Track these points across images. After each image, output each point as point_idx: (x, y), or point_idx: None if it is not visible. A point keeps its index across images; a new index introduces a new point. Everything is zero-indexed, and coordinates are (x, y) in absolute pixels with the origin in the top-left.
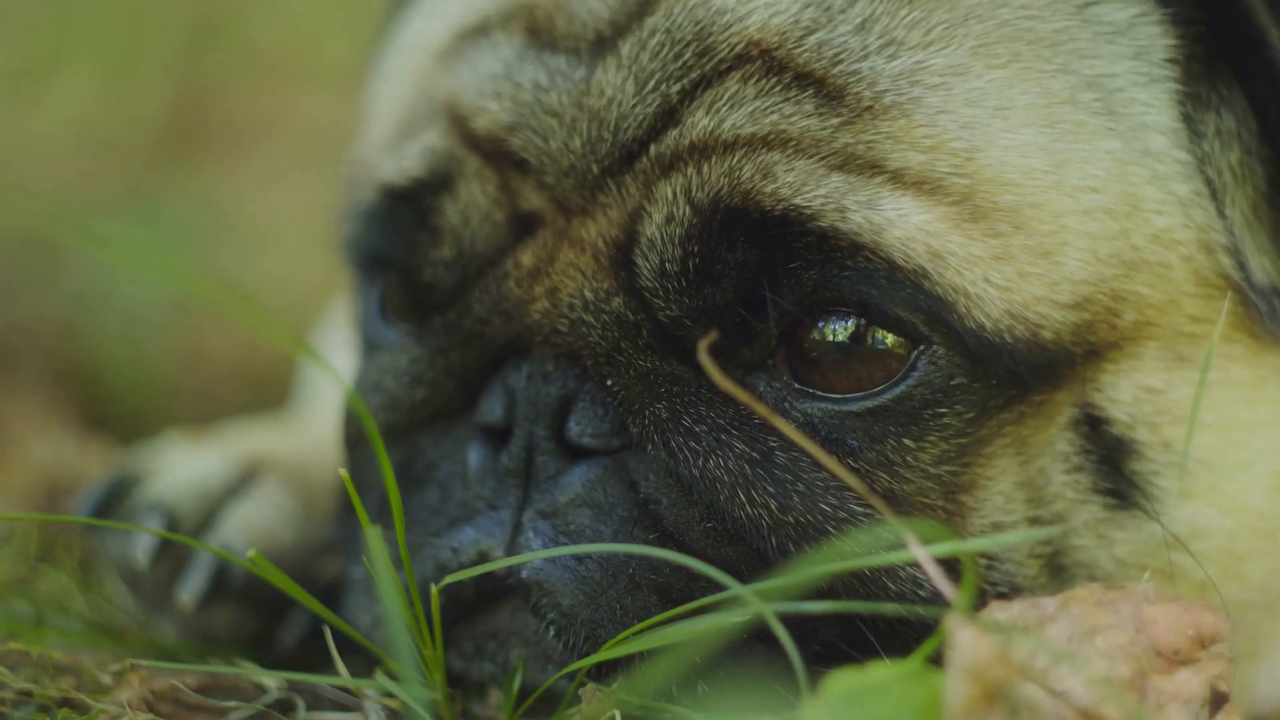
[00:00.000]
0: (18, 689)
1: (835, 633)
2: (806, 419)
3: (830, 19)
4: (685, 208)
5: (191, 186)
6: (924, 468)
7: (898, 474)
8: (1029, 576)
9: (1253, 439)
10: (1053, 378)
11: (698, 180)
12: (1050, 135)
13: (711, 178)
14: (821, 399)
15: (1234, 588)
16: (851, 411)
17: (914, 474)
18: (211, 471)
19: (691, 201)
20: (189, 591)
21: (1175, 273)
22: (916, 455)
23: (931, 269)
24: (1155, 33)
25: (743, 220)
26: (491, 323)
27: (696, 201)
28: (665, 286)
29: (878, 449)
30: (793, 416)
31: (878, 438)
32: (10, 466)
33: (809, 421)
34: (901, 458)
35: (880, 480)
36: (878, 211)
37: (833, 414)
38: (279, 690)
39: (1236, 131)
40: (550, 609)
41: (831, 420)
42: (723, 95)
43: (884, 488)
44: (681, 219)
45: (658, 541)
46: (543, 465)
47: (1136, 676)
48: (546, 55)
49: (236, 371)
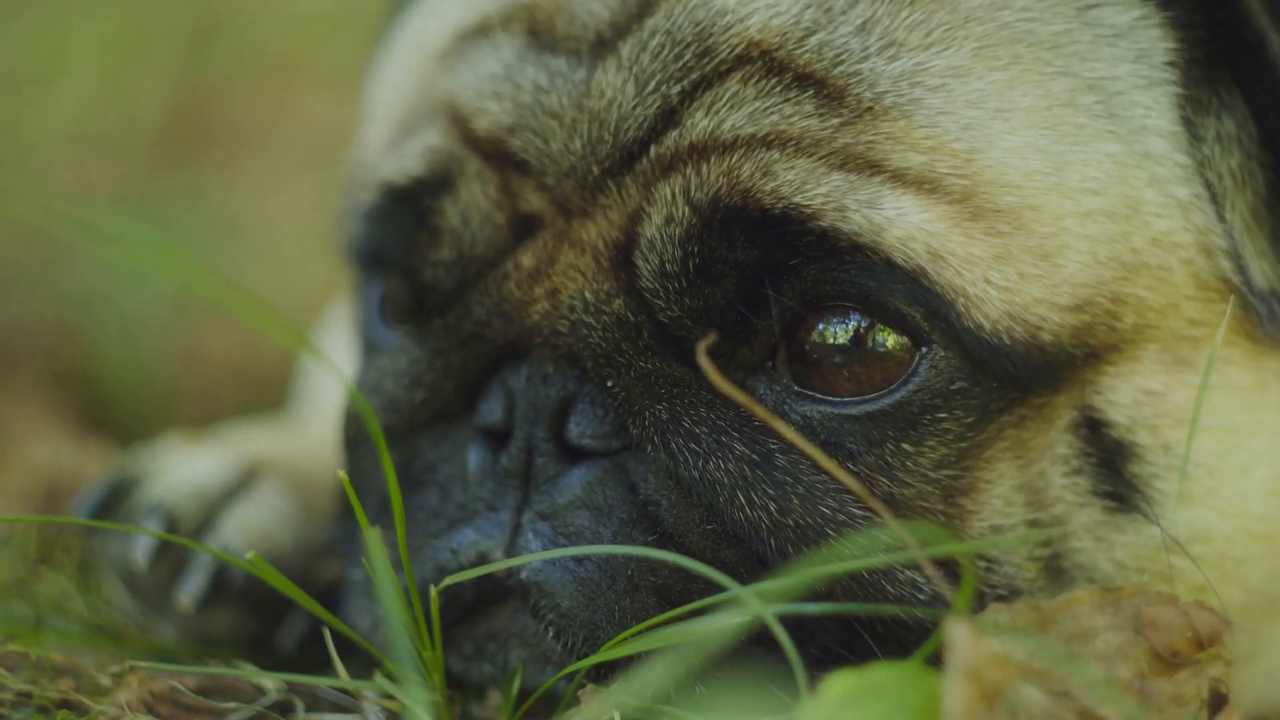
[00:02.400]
0: (17, 690)
1: (833, 636)
2: (805, 422)
3: (831, 20)
4: (684, 208)
5: (192, 187)
6: (923, 472)
7: (897, 478)
8: (1028, 579)
9: (1252, 442)
10: (1052, 380)
11: (696, 180)
12: (1050, 137)
13: (710, 177)
14: (821, 402)
15: (1233, 591)
16: (851, 415)
17: (913, 478)
18: (211, 473)
19: (690, 202)
20: (188, 593)
21: (1175, 276)
22: (915, 460)
23: (931, 268)
24: (1156, 36)
25: (742, 219)
26: (491, 324)
27: (695, 202)
28: (665, 287)
29: (877, 453)
30: (792, 419)
31: (876, 442)
32: (9, 468)
33: (808, 424)
34: (900, 462)
35: (880, 484)
36: (878, 211)
37: (832, 417)
38: (278, 692)
39: (1237, 136)
40: (549, 610)
41: (830, 423)
42: (723, 96)
43: (883, 491)
44: (681, 219)
45: (657, 543)
46: (542, 467)
47: (1135, 678)
48: (547, 56)
49: (236, 373)
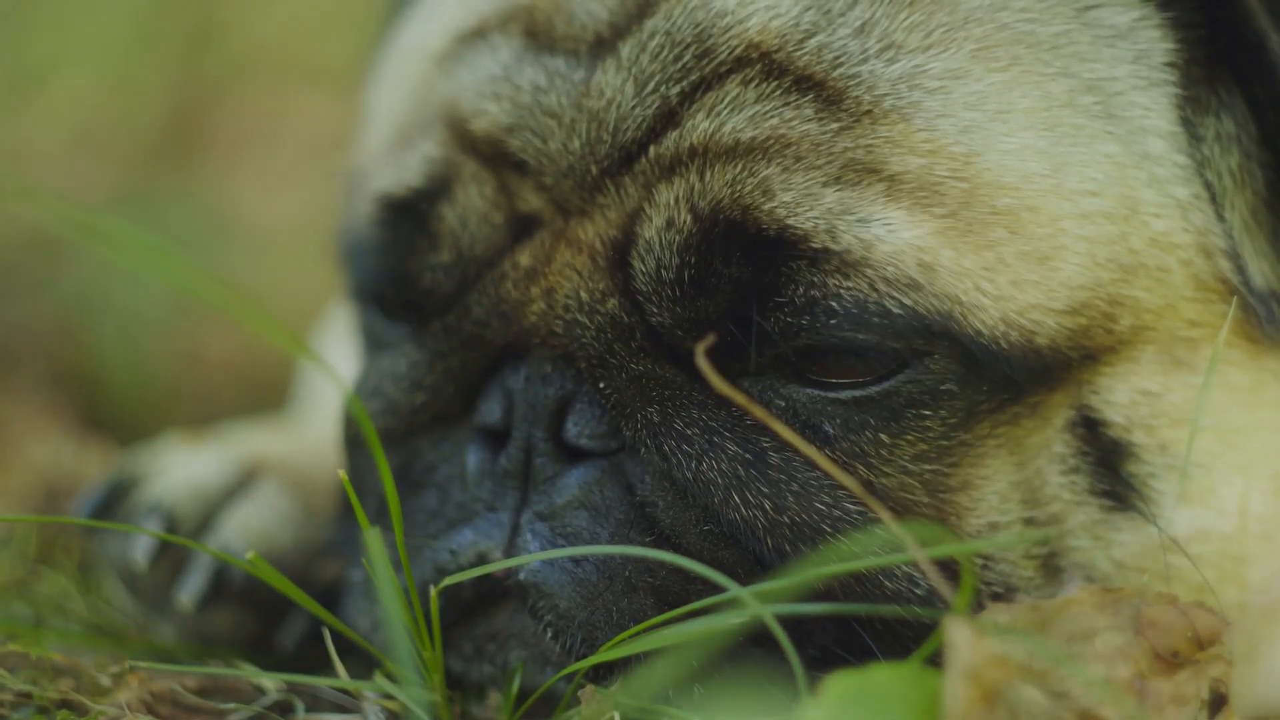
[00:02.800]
0: (17, 690)
1: (831, 636)
2: (790, 405)
3: (830, 22)
4: (687, 215)
5: (191, 189)
6: (901, 463)
7: (874, 466)
8: (1025, 578)
9: (1250, 442)
10: (1048, 380)
11: (700, 188)
12: (1049, 139)
13: (714, 187)
14: (810, 384)
15: (1232, 590)
16: (836, 399)
17: (891, 469)
18: (210, 473)
19: (694, 210)
20: (188, 593)
21: (1173, 277)
22: (892, 450)
23: (923, 279)
24: (1155, 36)
25: (740, 235)
26: (490, 325)
27: (699, 210)
28: (659, 293)
29: (853, 439)
30: (775, 405)
31: (854, 428)
32: (9, 468)
33: (791, 407)
34: (876, 451)
35: (859, 472)
36: (867, 229)
37: (816, 399)
38: (278, 692)
39: (1236, 136)
40: (548, 611)
41: (813, 405)
42: (723, 99)
43: (862, 479)
44: (682, 226)
45: (654, 544)
46: (541, 467)
47: (1135, 678)
48: (545, 57)
49: (236, 374)
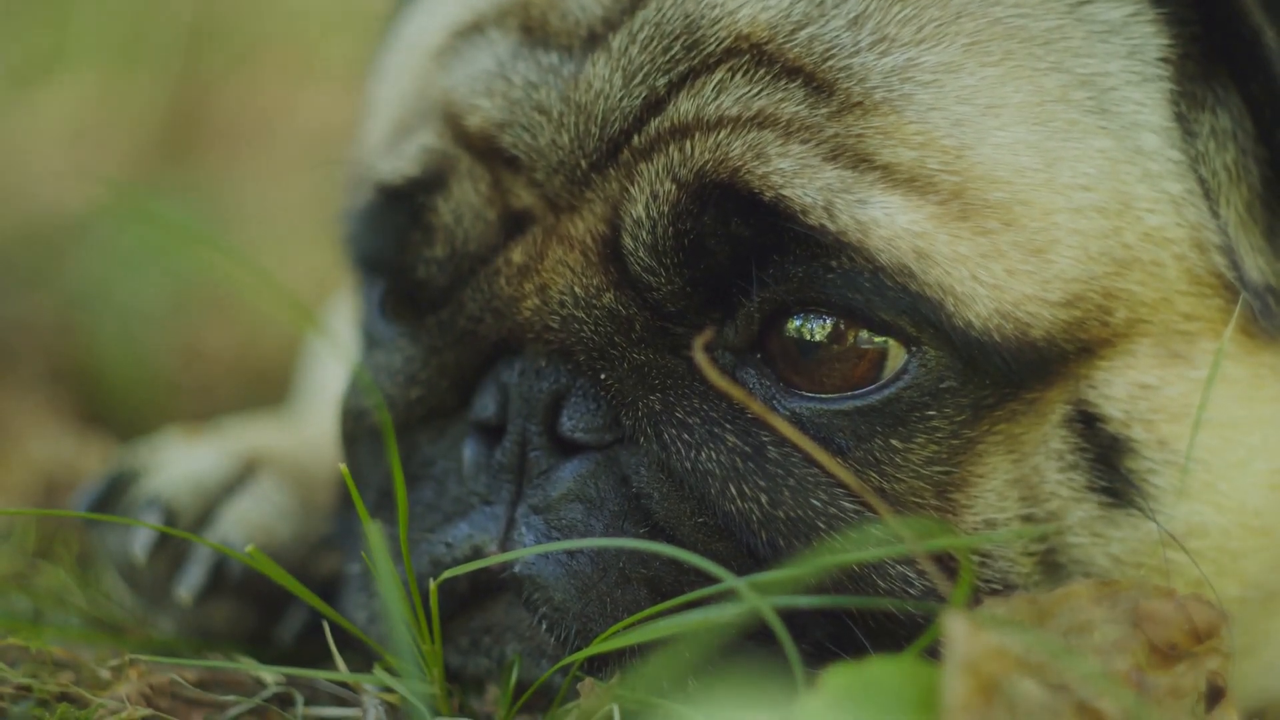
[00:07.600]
0: (16, 684)
1: (825, 632)
2: (795, 417)
3: (822, 14)
4: (670, 185)
5: (191, 183)
6: (914, 468)
7: (887, 473)
8: (1022, 574)
9: (1248, 437)
10: (1045, 375)
11: (679, 157)
12: (1042, 133)
13: (694, 153)
14: (810, 398)
15: (1230, 585)
16: (840, 411)
17: (904, 474)
18: (210, 467)
19: (675, 178)
20: (187, 587)
21: (1168, 271)
22: (905, 456)
23: (917, 268)
24: (1149, 32)
25: (732, 197)
26: (484, 320)
27: (680, 177)
28: (655, 270)
29: (865, 448)
30: (781, 414)
31: (865, 437)
32: (9, 463)
33: (797, 419)
34: (890, 458)
35: (871, 479)
36: (865, 210)
37: (822, 413)
38: (277, 685)
39: (1232, 131)
40: (542, 603)
41: (820, 419)
42: (709, 84)
43: (875, 486)
44: (667, 195)
45: (649, 536)
46: (535, 460)
47: (1133, 671)
48: (539, 53)
49: (235, 368)
